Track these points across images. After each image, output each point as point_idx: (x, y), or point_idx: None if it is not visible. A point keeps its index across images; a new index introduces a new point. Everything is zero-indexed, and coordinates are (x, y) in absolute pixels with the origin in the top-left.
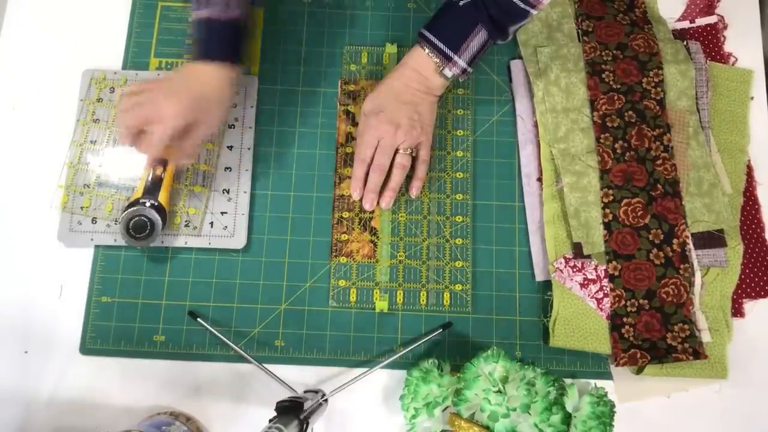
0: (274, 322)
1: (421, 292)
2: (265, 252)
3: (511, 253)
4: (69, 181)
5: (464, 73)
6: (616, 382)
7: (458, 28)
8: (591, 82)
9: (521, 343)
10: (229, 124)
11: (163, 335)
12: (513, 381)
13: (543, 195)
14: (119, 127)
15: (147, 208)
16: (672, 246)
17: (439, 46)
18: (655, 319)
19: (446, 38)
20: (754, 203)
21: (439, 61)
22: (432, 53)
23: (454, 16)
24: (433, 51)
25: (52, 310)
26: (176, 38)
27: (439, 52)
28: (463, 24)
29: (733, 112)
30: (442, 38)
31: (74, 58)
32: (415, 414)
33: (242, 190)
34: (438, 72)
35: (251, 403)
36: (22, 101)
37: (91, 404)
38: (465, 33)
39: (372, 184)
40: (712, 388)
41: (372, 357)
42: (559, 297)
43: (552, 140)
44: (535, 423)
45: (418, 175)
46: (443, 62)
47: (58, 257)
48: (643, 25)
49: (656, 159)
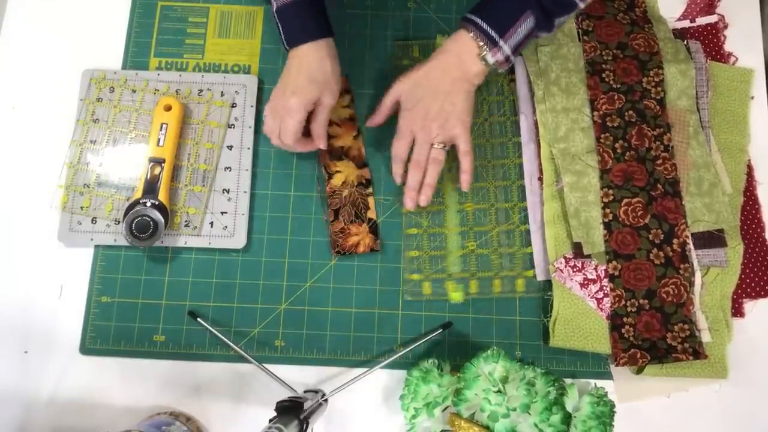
0: (274, 322)
1: (495, 280)
2: (265, 252)
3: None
4: (69, 180)
5: (507, 61)
6: (616, 382)
7: (506, 12)
8: (591, 81)
9: (521, 343)
10: (229, 124)
11: (163, 335)
12: (513, 381)
13: (543, 195)
14: (267, 135)
15: (149, 207)
16: (672, 246)
17: (486, 29)
18: (655, 319)
19: (494, 22)
20: (754, 203)
21: (484, 44)
22: (477, 36)
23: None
24: (479, 34)
25: (52, 310)
26: (176, 38)
27: (485, 36)
28: (511, 9)
29: (733, 112)
30: (489, 22)
31: (74, 58)
32: (415, 414)
33: (242, 190)
34: (480, 57)
35: (251, 403)
36: (22, 101)
37: (91, 404)
38: (513, 18)
39: (412, 182)
40: (712, 388)
41: (372, 357)
42: (559, 297)
43: (552, 140)
44: (535, 423)
45: (464, 167)
46: (488, 47)
47: (58, 257)
48: (643, 24)
49: (656, 159)
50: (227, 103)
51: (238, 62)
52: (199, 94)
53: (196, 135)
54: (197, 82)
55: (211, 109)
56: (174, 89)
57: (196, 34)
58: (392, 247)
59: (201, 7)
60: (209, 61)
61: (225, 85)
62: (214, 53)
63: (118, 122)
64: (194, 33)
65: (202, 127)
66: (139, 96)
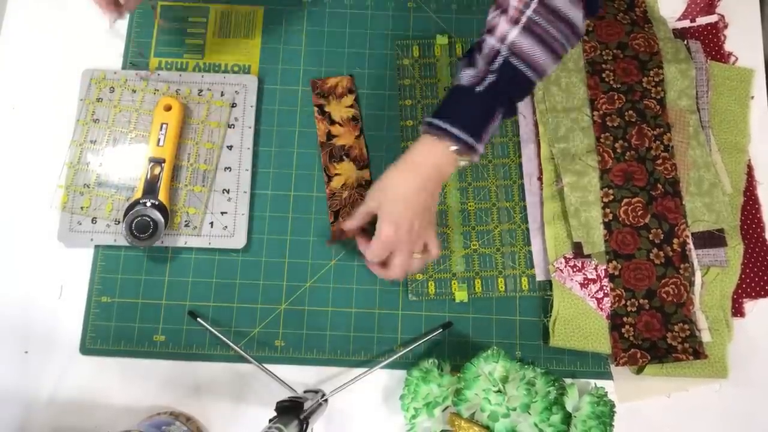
0: (274, 322)
1: (499, 279)
2: (265, 252)
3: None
4: (69, 181)
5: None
6: (616, 382)
7: (479, 115)
8: (591, 81)
9: (521, 343)
10: (229, 124)
11: (163, 335)
12: (513, 381)
13: (543, 194)
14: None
15: (149, 207)
16: (672, 245)
17: (463, 138)
18: (656, 319)
19: (469, 129)
20: (754, 203)
21: (461, 153)
22: (454, 146)
23: (474, 103)
24: (456, 143)
25: (52, 310)
26: (176, 38)
27: (463, 145)
28: (483, 111)
29: (733, 112)
30: (465, 130)
31: (74, 58)
32: (415, 414)
33: (242, 190)
34: (456, 164)
35: (251, 403)
36: (22, 101)
37: (91, 404)
38: (486, 120)
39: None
40: (712, 387)
41: (372, 357)
42: (559, 297)
43: (552, 140)
44: (535, 423)
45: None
46: (465, 153)
47: (58, 257)
48: (643, 24)
49: (656, 158)
50: (227, 103)
51: (238, 62)
52: (199, 94)
53: (196, 135)
54: (197, 82)
55: (211, 109)
56: (174, 89)
57: (196, 34)
58: None
59: (201, 7)
60: (209, 61)
61: (225, 85)
62: (214, 53)
63: (118, 122)
64: (194, 33)
65: (202, 127)
66: (139, 96)
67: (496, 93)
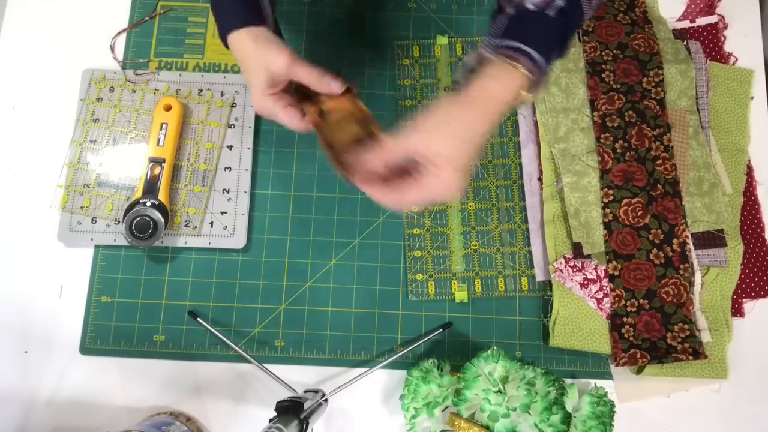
0: (274, 322)
1: (499, 279)
2: (265, 252)
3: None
4: (69, 180)
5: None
6: (616, 382)
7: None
8: (591, 81)
9: (521, 343)
10: (229, 124)
11: (163, 335)
12: (513, 381)
13: (543, 195)
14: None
15: (148, 207)
16: (672, 246)
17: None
18: (655, 319)
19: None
20: (754, 203)
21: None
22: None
23: (546, 26)
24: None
25: (52, 310)
26: (176, 38)
27: (538, 71)
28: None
29: (733, 112)
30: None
31: (74, 58)
32: (415, 414)
33: (242, 190)
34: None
35: (251, 403)
36: (22, 101)
37: (91, 404)
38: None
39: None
40: (712, 388)
41: (372, 357)
42: (559, 297)
43: (552, 140)
44: (535, 423)
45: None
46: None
47: (58, 257)
48: (643, 24)
49: (656, 159)
50: (227, 103)
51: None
52: (199, 94)
53: (196, 135)
54: (197, 82)
55: (211, 109)
56: (174, 89)
57: (196, 34)
58: (392, 247)
59: (201, 7)
60: (209, 61)
61: (225, 85)
62: (214, 53)
63: (118, 122)
64: (194, 33)
65: (202, 127)
66: (139, 96)
67: (565, 20)
